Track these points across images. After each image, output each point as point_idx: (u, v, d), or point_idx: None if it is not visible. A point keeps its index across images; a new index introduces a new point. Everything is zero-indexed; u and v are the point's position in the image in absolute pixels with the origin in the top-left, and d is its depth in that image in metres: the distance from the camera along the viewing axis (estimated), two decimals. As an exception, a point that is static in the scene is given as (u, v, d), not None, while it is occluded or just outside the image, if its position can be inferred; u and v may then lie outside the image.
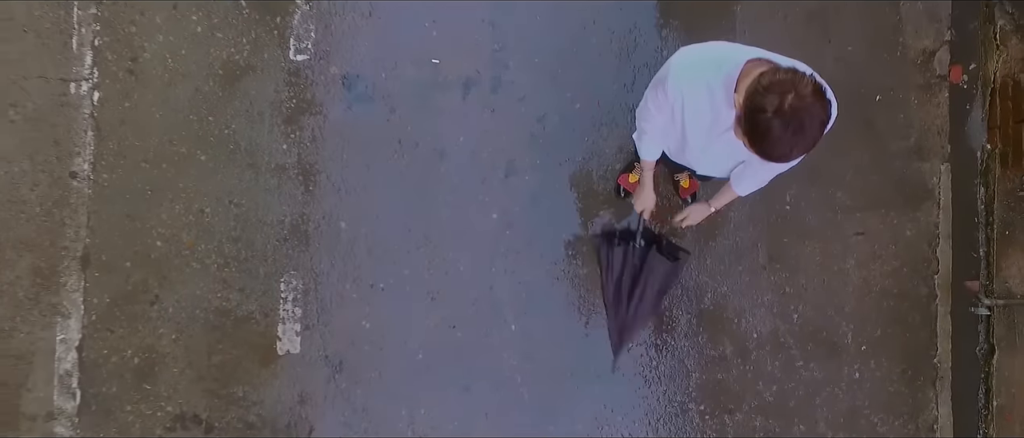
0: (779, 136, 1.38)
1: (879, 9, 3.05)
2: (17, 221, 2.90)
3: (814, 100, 1.38)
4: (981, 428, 3.01)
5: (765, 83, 1.40)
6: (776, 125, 1.37)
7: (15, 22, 2.91)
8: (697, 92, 1.70)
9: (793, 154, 1.42)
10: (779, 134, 1.38)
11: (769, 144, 1.40)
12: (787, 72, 1.42)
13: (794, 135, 1.37)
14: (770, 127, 1.38)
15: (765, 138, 1.40)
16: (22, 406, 2.90)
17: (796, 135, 1.37)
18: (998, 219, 2.99)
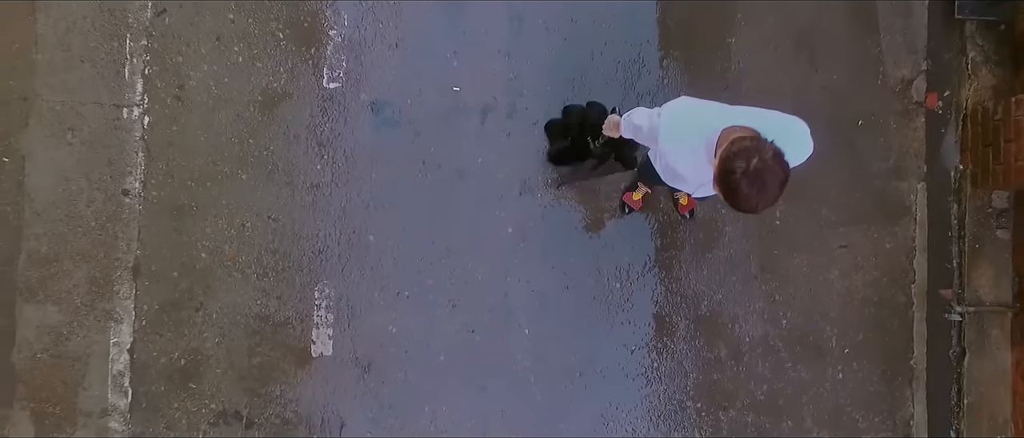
0: (747, 193, 1.67)
1: (861, 41, 3.33)
2: (75, 234, 3.18)
3: (774, 163, 1.67)
4: (953, 424, 3.29)
5: (734, 150, 1.69)
6: (744, 184, 1.66)
7: (73, 53, 3.20)
8: (681, 153, 1.99)
9: (759, 207, 1.71)
10: (747, 191, 1.67)
11: (739, 199, 1.69)
12: (752, 140, 1.70)
13: (759, 192, 1.67)
14: (739, 185, 1.67)
15: (736, 194, 1.68)
16: (79, 403, 3.18)
17: (760, 192, 1.66)
18: (969, 233, 3.27)
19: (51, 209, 3.17)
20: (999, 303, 3.24)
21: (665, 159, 2.14)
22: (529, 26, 3.24)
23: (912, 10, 3.33)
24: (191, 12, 3.20)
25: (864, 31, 3.33)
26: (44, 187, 3.17)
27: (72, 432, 3.17)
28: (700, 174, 2.07)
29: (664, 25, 3.27)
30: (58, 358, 3.17)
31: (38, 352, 3.16)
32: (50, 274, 3.16)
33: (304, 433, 3.18)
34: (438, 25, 3.23)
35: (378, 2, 3.22)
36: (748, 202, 1.68)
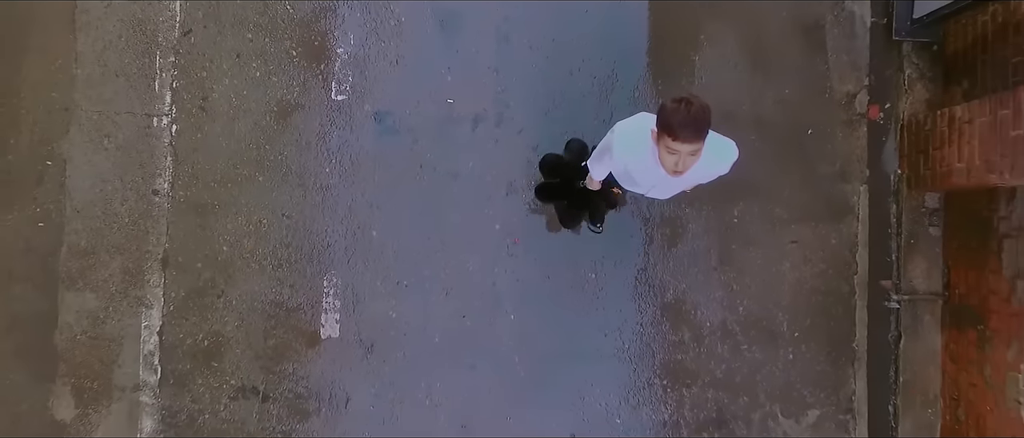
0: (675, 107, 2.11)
1: (811, 59, 3.74)
2: (110, 230, 3.57)
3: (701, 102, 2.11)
4: (891, 400, 3.69)
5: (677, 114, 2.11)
6: (680, 107, 2.10)
7: (108, 68, 3.59)
8: (642, 158, 2.38)
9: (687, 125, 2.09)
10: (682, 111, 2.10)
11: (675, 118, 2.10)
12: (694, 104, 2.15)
13: (688, 110, 2.09)
14: (676, 109, 2.11)
15: (672, 116, 2.10)
16: (114, 379, 3.57)
17: (688, 109, 2.09)
18: (905, 231, 3.68)
19: (89, 207, 3.57)
20: (931, 292, 3.65)
21: (623, 166, 2.54)
22: (515, 46, 3.65)
23: (856, 32, 3.74)
24: (214, 32, 3.60)
25: (813, 50, 3.74)
26: (83, 187, 3.56)
27: (108, 405, 3.56)
28: (651, 176, 2.48)
29: (635, 45, 3.68)
30: (95, 339, 3.56)
31: (78, 334, 3.56)
32: (88, 265, 3.56)
33: (314, 406, 3.58)
34: (434, 44, 3.63)
35: (380, 24, 3.63)
36: (678, 116, 2.10)
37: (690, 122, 2.10)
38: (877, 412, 3.69)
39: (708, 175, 2.57)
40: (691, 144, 2.14)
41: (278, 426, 3.57)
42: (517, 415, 3.59)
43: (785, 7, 3.72)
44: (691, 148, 2.14)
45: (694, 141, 2.13)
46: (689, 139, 2.12)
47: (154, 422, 3.56)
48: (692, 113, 2.10)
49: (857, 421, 3.69)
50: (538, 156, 3.60)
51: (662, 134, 2.18)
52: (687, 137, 2.11)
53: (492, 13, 3.64)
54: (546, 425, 3.60)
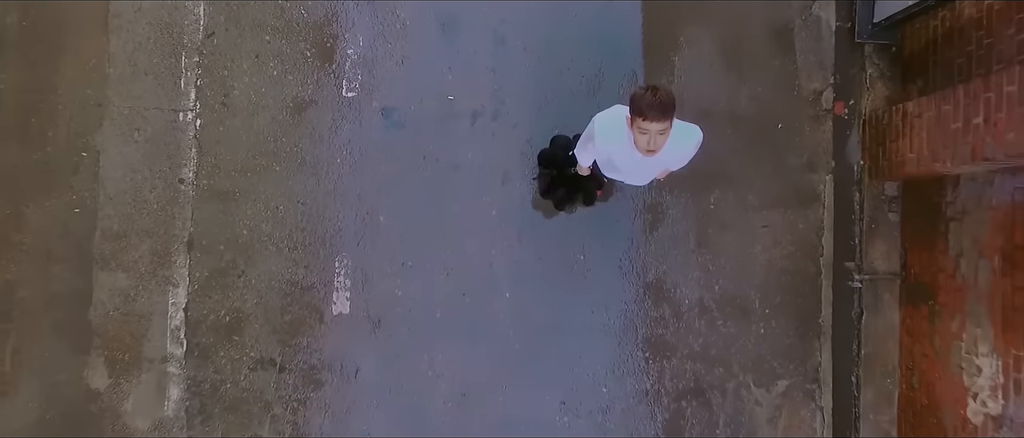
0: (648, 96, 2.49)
1: (781, 59, 4.08)
2: (140, 215, 3.91)
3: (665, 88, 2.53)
4: (853, 371, 4.03)
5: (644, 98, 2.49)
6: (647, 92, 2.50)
7: (138, 68, 3.93)
8: (619, 143, 2.73)
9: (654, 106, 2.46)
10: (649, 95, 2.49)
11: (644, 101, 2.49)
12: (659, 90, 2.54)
13: (654, 94, 2.48)
14: (644, 94, 2.51)
15: (642, 100, 2.49)
16: (144, 352, 3.91)
17: (654, 93, 2.49)
18: (867, 216, 4.02)
19: (121, 194, 3.90)
20: (890, 272, 3.99)
21: (605, 155, 2.88)
22: (511, 47, 3.99)
23: (822, 35, 4.09)
24: (235, 34, 3.94)
25: (783, 52, 4.08)
26: (115, 176, 3.90)
27: (138, 375, 3.90)
28: (628, 159, 2.82)
29: (620, 47, 4.02)
30: (126, 315, 3.90)
31: (110, 310, 3.89)
32: (120, 247, 3.90)
33: (326, 376, 3.92)
34: (436, 46, 3.97)
35: (387, 27, 3.97)
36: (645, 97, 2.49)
37: (657, 104, 2.45)
38: (841, 382, 4.04)
39: (678, 159, 2.91)
40: (659, 123, 2.49)
41: (293, 394, 3.91)
42: (512, 383, 3.93)
43: (757, 12, 4.06)
44: (660, 127, 2.49)
45: (661, 120, 2.48)
46: (657, 118, 2.47)
47: (180, 391, 3.90)
48: (658, 96, 2.45)
49: (822, 390, 4.04)
50: (532, 148, 3.94)
51: (634, 117, 2.52)
52: (655, 117, 2.46)
53: (489, 17, 3.98)
54: (539, 393, 3.94)
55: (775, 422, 4.02)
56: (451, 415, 3.93)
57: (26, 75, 3.91)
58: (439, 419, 3.93)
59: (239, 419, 3.90)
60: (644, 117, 2.48)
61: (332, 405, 3.91)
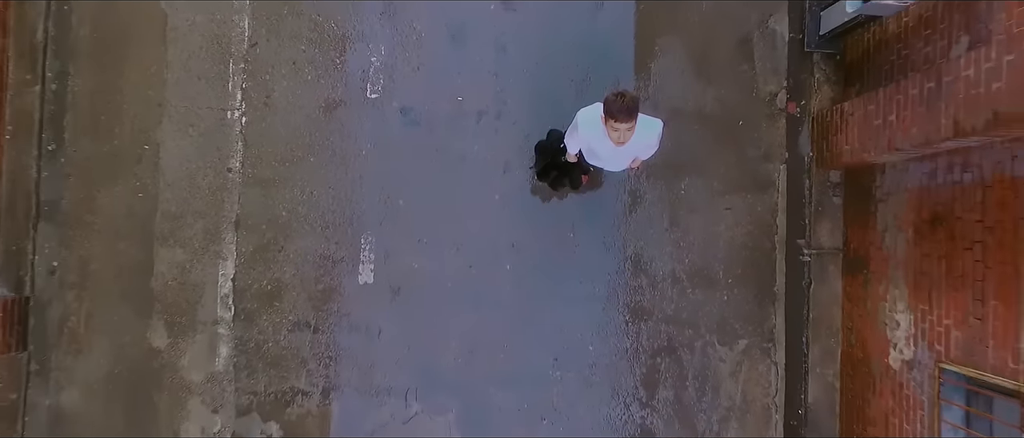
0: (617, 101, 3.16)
1: (742, 66, 4.76)
2: (195, 199, 4.57)
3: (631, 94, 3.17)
4: (803, 331, 4.71)
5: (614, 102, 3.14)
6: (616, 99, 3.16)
7: (192, 73, 4.59)
8: (597, 134, 3.41)
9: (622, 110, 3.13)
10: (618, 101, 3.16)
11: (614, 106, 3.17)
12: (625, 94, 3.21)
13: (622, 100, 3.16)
14: (614, 100, 3.18)
15: (612, 105, 3.17)
16: (198, 316, 4.57)
17: (622, 100, 3.16)
18: (815, 200, 4.71)
19: (178, 181, 4.57)
20: (834, 247, 4.67)
21: (587, 144, 3.56)
22: (511, 55, 4.67)
23: (776, 45, 4.77)
24: (275, 45, 4.61)
25: (744, 59, 4.77)
26: (173, 166, 4.57)
27: (193, 336, 4.57)
28: (605, 148, 3.50)
29: (604, 54, 4.70)
30: (183, 284, 4.57)
31: (169, 280, 4.56)
32: (177, 226, 4.57)
33: (354, 336, 4.59)
34: (447, 54, 4.64)
35: (405, 38, 4.64)
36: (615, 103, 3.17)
37: (624, 108, 3.13)
38: (792, 341, 4.73)
39: (645, 147, 3.60)
40: (626, 123, 3.17)
41: (326, 352, 4.59)
42: (512, 342, 4.62)
43: (722, 25, 4.75)
44: (627, 126, 3.18)
45: (628, 121, 3.17)
46: (624, 120, 3.15)
47: (229, 349, 4.57)
48: (625, 102, 3.14)
49: (777, 348, 4.73)
50: (529, 143, 4.62)
51: (607, 118, 3.21)
52: (623, 118, 3.15)
53: (492, 28, 4.66)
54: (535, 351, 4.62)
55: (736, 376, 4.72)
56: (460, 369, 4.61)
57: (97, 79, 4.57)
58: (450, 373, 4.61)
59: (279, 373, 4.58)
60: (615, 118, 3.17)
61: (359, 360, 4.59)
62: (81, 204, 4.55)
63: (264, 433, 4.58)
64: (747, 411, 4.71)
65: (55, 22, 4.60)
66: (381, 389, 4.59)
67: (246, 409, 4.57)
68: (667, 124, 4.15)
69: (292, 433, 4.58)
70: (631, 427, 4.66)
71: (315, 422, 4.58)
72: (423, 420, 4.62)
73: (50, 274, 4.55)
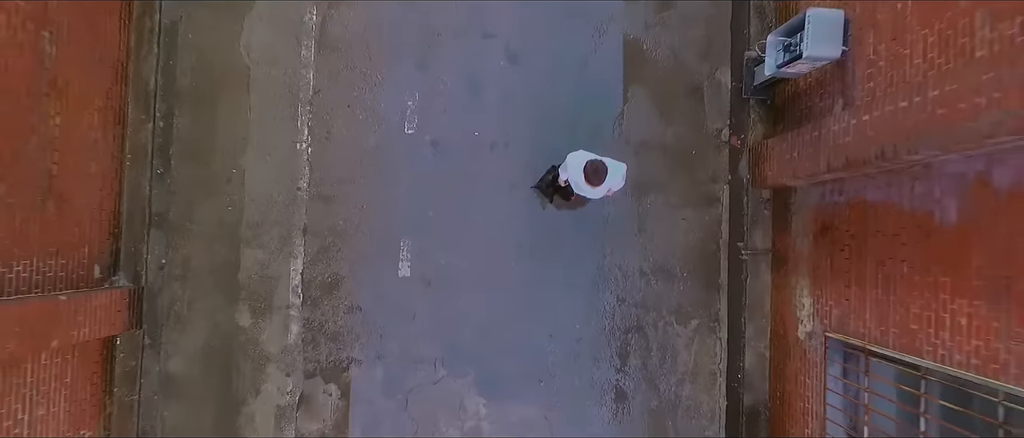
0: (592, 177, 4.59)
1: (695, 108, 6.15)
2: (271, 211, 5.92)
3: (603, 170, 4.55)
4: (742, 314, 6.09)
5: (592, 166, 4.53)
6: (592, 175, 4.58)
7: (268, 113, 5.94)
8: (577, 176, 4.80)
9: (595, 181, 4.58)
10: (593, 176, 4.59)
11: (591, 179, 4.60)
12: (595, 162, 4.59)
13: (595, 175, 4.59)
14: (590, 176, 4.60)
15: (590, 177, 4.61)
16: (274, 302, 5.92)
17: (595, 175, 4.60)
18: (751, 212, 6.08)
19: (259, 197, 5.92)
20: (765, 249, 6.05)
21: (573, 179, 4.95)
22: (516, 100, 6.03)
23: (721, 92, 6.17)
24: (334, 92, 5.96)
25: (696, 103, 6.16)
26: (255, 186, 5.91)
27: (270, 317, 5.92)
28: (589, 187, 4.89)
29: (590, 100, 6.07)
30: (263, 278, 5.91)
31: (252, 274, 5.91)
32: (258, 232, 5.91)
33: (395, 318, 5.94)
34: (466, 99, 6.01)
35: (434, 88, 6.00)
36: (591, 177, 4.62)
37: (597, 180, 4.56)
38: (733, 321, 6.12)
39: (615, 183, 4.97)
40: (598, 184, 4.59)
41: (374, 329, 5.94)
42: (517, 322, 5.99)
43: (678, 77, 6.14)
44: (599, 185, 4.58)
45: (598, 184, 4.59)
46: (596, 183, 4.57)
47: (298, 327, 5.92)
48: (598, 176, 4.55)
49: (721, 327, 6.12)
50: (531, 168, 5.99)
51: (585, 178, 4.60)
52: (595, 182, 4.57)
53: (501, 80, 6.02)
54: (534, 327, 5.99)
55: (690, 348, 6.10)
56: (477, 343, 5.98)
57: (195, 118, 5.92)
58: (468, 346, 5.97)
59: (337, 345, 5.93)
60: (590, 182, 4.58)
61: (399, 336, 5.95)
62: (183, 215, 5.89)
63: (326, 392, 5.93)
64: (698, 375, 6.10)
65: (163, 73, 5.95)
66: (416, 358, 5.96)
67: (311, 373, 5.93)
68: (636, 154, 5.55)
69: (347, 392, 5.93)
70: (608, 387, 6.04)
71: (365, 384, 5.94)
72: (448, 382, 5.99)
73: (159, 269, 5.89)
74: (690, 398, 6.10)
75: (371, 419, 5.94)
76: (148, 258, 5.88)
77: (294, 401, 5.93)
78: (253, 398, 5.92)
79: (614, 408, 6.05)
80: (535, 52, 6.05)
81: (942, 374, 3.77)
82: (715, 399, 6.12)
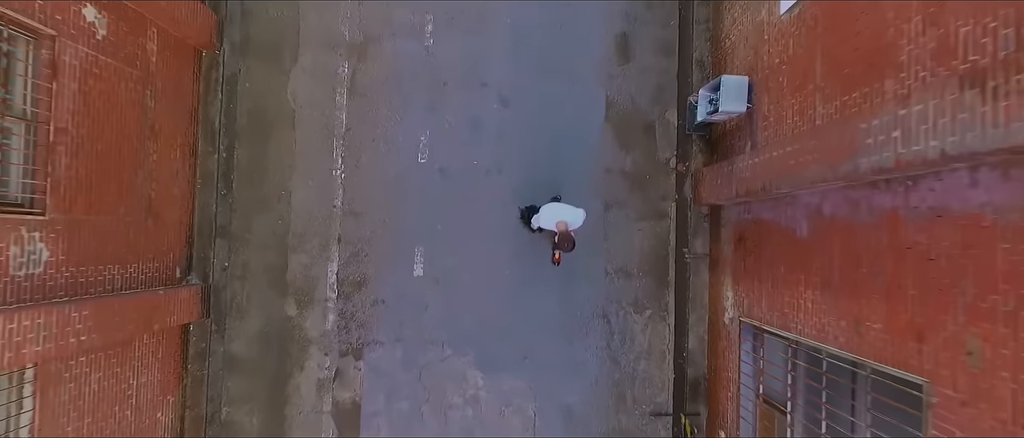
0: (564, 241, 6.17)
1: (648, 141, 7.74)
2: (312, 225, 7.48)
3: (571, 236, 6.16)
4: (686, 305, 7.68)
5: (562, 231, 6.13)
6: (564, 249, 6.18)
7: (310, 146, 7.50)
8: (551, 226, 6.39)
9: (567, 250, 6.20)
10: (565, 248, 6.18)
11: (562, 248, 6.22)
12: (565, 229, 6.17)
13: (567, 239, 6.15)
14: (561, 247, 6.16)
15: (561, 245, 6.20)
16: (315, 295, 7.49)
17: (566, 239, 6.15)
18: (693, 224, 7.68)
19: (303, 213, 7.48)
20: (703, 254, 7.64)
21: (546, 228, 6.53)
22: (508, 135, 7.60)
23: (669, 129, 7.76)
24: (362, 130, 7.53)
25: (650, 137, 7.75)
26: (300, 203, 7.47)
27: (312, 308, 7.48)
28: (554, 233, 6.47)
29: (568, 135, 7.65)
30: (306, 277, 7.47)
31: (297, 274, 7.47)
32: (302, 241, 7.47)
33: (412, 309, 7.50)
34: (468, 135, 7.58)
35: (440, 126, 7.57)
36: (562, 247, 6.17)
37: (569, 249, 6.13)
38: (679, 311, 7.71)
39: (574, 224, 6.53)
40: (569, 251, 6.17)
41: (396, 317, 7.51)
42: (507, 312, 7.56)
43: (636, 117, 7.73)
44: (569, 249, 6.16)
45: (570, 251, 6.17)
46: (568, 251, 6.14)
47: (334, 316, 7.48)
48: (570, 249, 6.13)
49: (669, 315, 7.72)
50: (519, 193, 7.56)
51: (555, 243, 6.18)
52: (566, 250, 6.14)
53: (496, 119, 7.59)
54: (523, 316, 7.56)
55: (644, 332, 7.69)
56: (475, 329, 7.54)
57: (252, 150, 7.47)
58: (469, 331, 7.53)
59: (366, 331, 7.49)
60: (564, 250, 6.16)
61: (413, 324, 7.52)
62: (242, 227, 7.44)
63: (356, 367, 7.50)
64: (651, 354, 7.69)
65: (226, 115, 7.50)
66: (427, 340, 7.52)
67: (344, 353, 7.48)
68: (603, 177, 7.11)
69: (373, 367, 7.49)
70: (578, 362, 7.62)
71: (387, 361, 7.50)
72: (453, 360, 7.55)
73: (223, 270, 7.44)
74: (645, 372, 7.69)
75: (391, 389, 7.50)
76: (214, 261, 7.43)
77: (331, 375, 7.49)
78: (298, 373, 7.48)
79: (585, 379, 7.64)
80: (522, 97, 7.63)
81: (804, 344, 5.34)
82: (664, 373, 7.71)
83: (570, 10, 7.69)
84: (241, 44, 7.53)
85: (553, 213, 6.47)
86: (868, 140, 3.85)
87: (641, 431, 7.65)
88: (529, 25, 7.65)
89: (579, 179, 7.58)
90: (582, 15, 7.71)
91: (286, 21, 7.54)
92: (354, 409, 7.49)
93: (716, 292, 7.32)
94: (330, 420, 7.47)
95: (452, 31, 7.61)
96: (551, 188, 7.53)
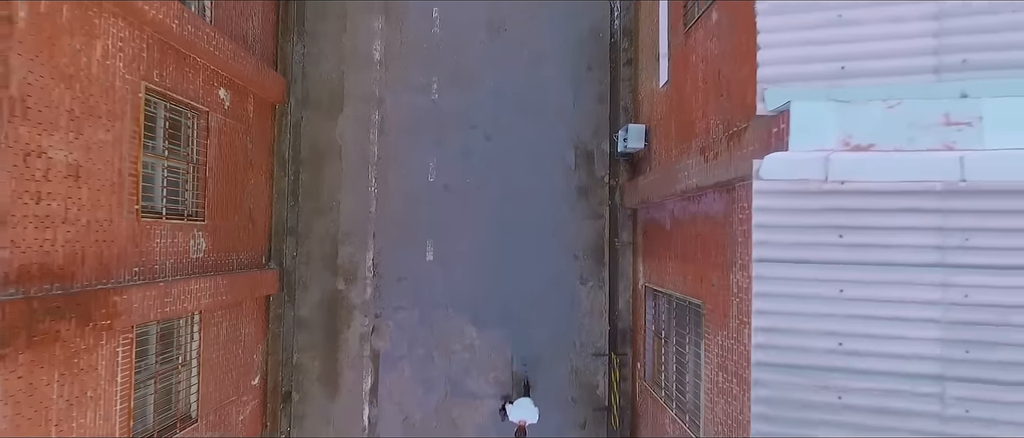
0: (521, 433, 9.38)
1: (589, 163, 10.98)
2: (355, 225, 10.73)
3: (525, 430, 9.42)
4: (617, 278, 10.90)
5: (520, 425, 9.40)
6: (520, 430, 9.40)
7: (355, 173, 10.75)
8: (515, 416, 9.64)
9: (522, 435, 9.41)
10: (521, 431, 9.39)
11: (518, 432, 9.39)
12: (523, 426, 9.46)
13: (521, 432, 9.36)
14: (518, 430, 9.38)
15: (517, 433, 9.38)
16: (358, 274, 10.73)
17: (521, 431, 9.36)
18: (621, 220, 10.91)
19: (348, 219, 10.72)
20: (629, 241, 10.89)
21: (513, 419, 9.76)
22: (493, 161, 10.86)
23: (603, 154, 11.01)
24: (387, 160, 10.77)
25: (589, 160, 11.01)
26: (347, 212, 10.72)
27: (356, 283, 10.72)
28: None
29: (535, 159, 10.92)
30: (351, 262, 10.72)
31: (345, 260, 10.72)
32: (348, 237, 10.72)
33: (427, 285, 10.74)
34: (463, 161, 10.82)
35: (446, 152, 10.83)
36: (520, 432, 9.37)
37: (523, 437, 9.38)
38: (612, 282, 10.96)
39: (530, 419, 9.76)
40: None
41: (414, 289, 10.76)
42: (495, 285, 10.81)
43: (580, 146, 10.98)
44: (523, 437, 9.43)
45: None
46: None
47: (371, 289, 10.73)
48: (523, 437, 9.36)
49: (605, 286, 10.98)
50: (502, 203, 10.83)
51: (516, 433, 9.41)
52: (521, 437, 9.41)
53: (483, 149, 10.83)
54: (507, 290, 10.82)
55: (590, 297, 10.95)
56: (472, 297, 10.78)
57: (312, 174, 10.71)
58: (467, 299, 10.78)
59: (393, 299, 10.73)
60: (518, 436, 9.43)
61: (426, 294, 10.76)
62: (306, 228, 10.68)
63: (387, 324, 10.74)
64: (592, 313, 10.95)
65: (292, 149, 10.74)
66: (438, 305, 10.77)
67: (378, 315, 10.73)
68: (562, 189, 10.39)
69: (399, 325, 10.74)
70: (545, 319, 10.87)
71: (408, 320, 10.74)
72: (454, 318, 10.80)
73: (293, 258, 10.67)
74: (588, 325, 10.95)
75: (411, 338, 10.74)
76: (286, 252, 10.66)
77: (369, 330, 10.72)
78: (346, 329, 10.71)
79: (547, 331, 10.89)
80: (503, 134, 10.87)
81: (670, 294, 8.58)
82: (602, 326, 10.97)
83: (535, 72, 10.95)
84: (302, 99, 10.76)
85: (519, 411, 9.49)
86: (680, 174, 7.12)
87: (587, 367, 10.92)
88: (505, 83, 10.90)
89: (542, 191, 10.84)
90: (544, 75, 10.97)
91: (334, 82, 10.78)
92: (386, 354, 10.72)
93: (635, 268, 10.59)
94: (369, 361, 10.71)
95: (452, 88, 10.85)
96: (527, 197, 10.77)
